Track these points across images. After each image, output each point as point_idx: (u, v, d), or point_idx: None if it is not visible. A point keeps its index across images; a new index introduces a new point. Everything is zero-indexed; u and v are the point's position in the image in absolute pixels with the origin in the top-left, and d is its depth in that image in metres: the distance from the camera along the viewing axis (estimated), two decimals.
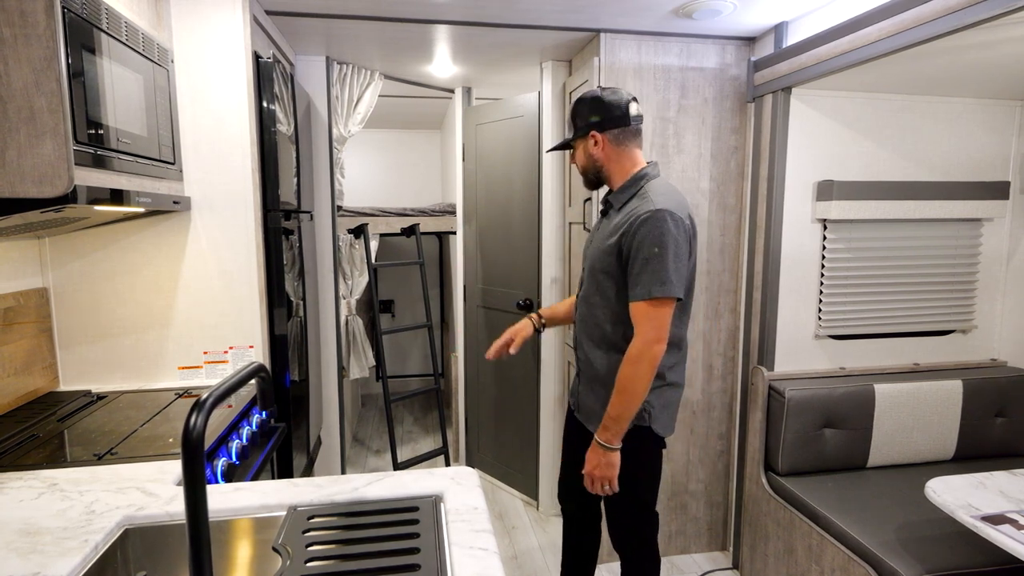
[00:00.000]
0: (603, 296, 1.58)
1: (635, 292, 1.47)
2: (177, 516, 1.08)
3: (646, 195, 1.52)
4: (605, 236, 1.58)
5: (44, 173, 1.14)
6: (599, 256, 1.58)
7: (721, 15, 2.03)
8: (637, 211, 1.49)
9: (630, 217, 1.50)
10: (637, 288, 1.46)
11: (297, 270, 2.24)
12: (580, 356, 1.69)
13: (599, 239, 1.61)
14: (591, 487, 1.58)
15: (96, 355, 1.83)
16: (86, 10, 1.23)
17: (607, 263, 1.55)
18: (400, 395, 3.14)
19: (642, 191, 1.54)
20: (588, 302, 1.64)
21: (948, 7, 1.38)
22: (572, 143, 1.66)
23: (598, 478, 1.55)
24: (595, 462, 1.55)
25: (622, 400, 1.48)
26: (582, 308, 1.67)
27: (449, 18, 2.13)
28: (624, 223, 1.51)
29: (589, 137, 1.59)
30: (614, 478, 1.54)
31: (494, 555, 0.94)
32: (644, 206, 1.48)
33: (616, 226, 1.54)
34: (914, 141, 2.18)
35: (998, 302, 2.32)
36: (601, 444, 1.52)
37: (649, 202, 1.48)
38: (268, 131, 1.91)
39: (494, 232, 3.06)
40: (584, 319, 1.66)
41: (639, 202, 1.51)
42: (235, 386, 0.78)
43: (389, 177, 4.71)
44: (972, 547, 1.62)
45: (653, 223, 1.44)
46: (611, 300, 1.56)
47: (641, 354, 1.46)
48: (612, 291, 1.56)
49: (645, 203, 1.49)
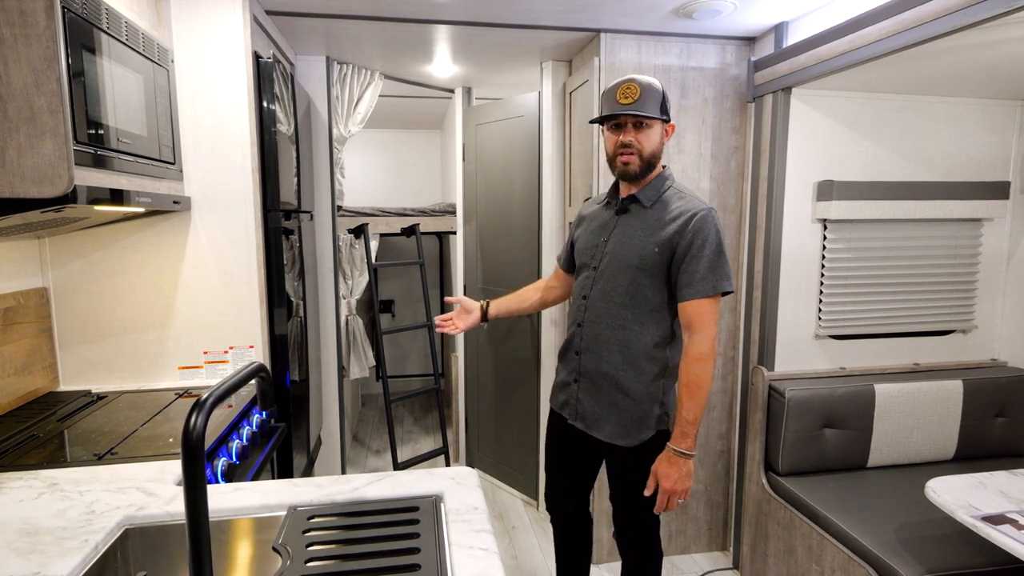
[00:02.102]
0: (637, 295, 1.54)
1: (697, 289, 1.46)
2: (177, 516, 1.08)
3: (685, 194, 1.54)
4: (643, 233, 1.54)
5: (44, 173, 1.14)
6: (639, 253, 1.53)
7: (721, 15, 2.03)
8: (687, 209, 1.50)
9: (680, 214, 1.50)
10: (701, 285, 1.46)
11: (297, 270, 2.24)
12: (586, 361, 1.61)
13: (630, 236, 1.55)
14: (666, 505, 1.50)
15: (96, 355, 1.83)
16: (86, 10, 1.23)
17: (653, 261, 1.51)
18: (400, 395, 3.14)
19: (673, 191, 1.56)
20: (612, 301, 1.57)
21: (948, 7, 1.38)
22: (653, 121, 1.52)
23: (678, 492, 1.48)
24: (675, 476, 1.47)
25: (697, 401, 1.46)
26: (599, 307, 1.59)
27: (449, 18, 2.13)
28: (671, 220, 1.50)
29: (670, 125, 1.57)
30: (689, 490, 1.51)
31: (494, 555, 0.94)
32: (694, 204, 1.50)
33: (660, 223, 1.52)
34: (914, 141, 2.18)
35: (998, 302, 2.32)
36: (682, 453, 1.47)
37: (697, 201, 1.52)
38: (268, 131, 1.91)
39: (494, 232, 3.06)
40: (604, 318, 1.58)
41: (681, 201, 1.53)
42: (235, 386, 0.78)
43: (389, 177, 4.71)
44: (972, 547, 1.62)
45: (711, 221, 1.48)
46: (647, 299, 1.53)
47: (710, 352, 1.47)
48: (649, 289, 1.52)
49: (693, 202, 1.52)
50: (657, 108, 1.51)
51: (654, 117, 1.51)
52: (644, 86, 1.50)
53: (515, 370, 2.99)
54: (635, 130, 1.52)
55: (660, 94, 1.52)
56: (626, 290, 1.55)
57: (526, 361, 2.91)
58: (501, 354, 3.08)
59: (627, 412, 1.55)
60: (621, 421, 1.54)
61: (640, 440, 1.56)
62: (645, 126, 1.52)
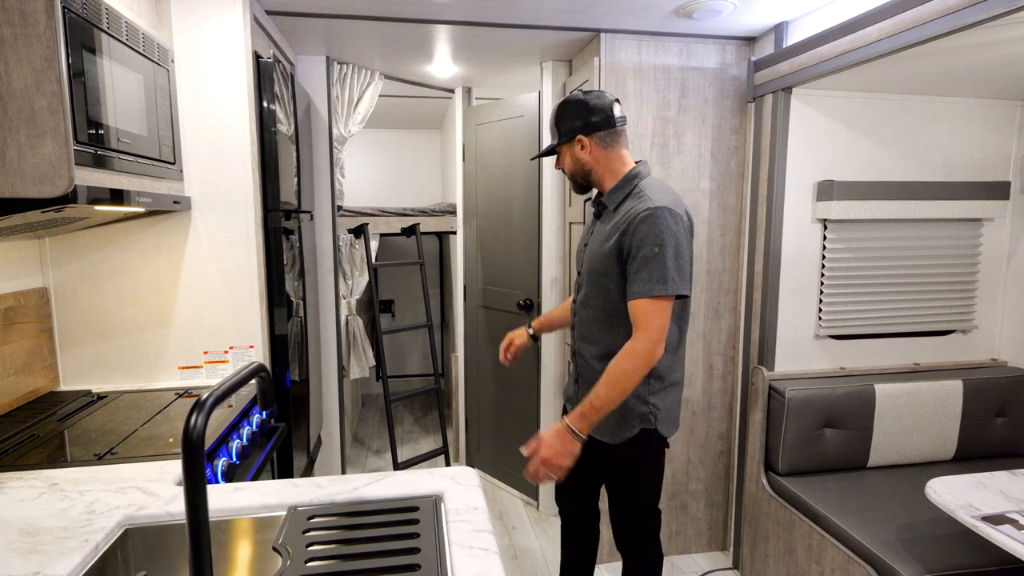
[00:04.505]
0: (604, 299, 1.56)
1: (634, 290, 1.45)
2: (177, 516, 1.08)
3: (642, 194, 1.51)
4: (603, 238, 1.55)
5: (44, 173, 1.14)
6: (598, 259, 1.56)
7: (721, 15, 2.03)
8: (635, 210, 1.47)
9: (628, 216, 1.48)
10: (636, 286, 1.44)
11: (297, 270, 2.25)
12: (580, 361, 1.67)
13: (596, 241, 1.59)
14: (534, 473, 1.47)
15: (96, 355, 1.83)
16: (86, 10, 1.23)
17: (606, 265, 1.53)
18: (400, 395, 3.14)
19: (636, 190, 1.53)
20: (588, 306, 1.61)
21: (948, 7, 1.38)
22: (557, 148, 1.62)
23: (552, 466, 1.45)
24: (556, 448, 1.45)
25: (609, 393, 1.43)
26: (581, 312, 1.65)
27: (449, 18, 2.13)
28: (622, 223, 1.49)
29: (576, 142, 1.57)
30: (565, 469, 1.46)
31: (494, 555, 0.94)
32: (642, 204, 1.47)
33: (614, 227, 1.52)
34: (914, 141, 2.18)
35: (998, 302, 2.32)
36: (572, 430, 1.45)
37: (647, 200, 1.47)
38: (268, 131, 1.91)
39: (494, 232, 3.06)
40: (584, 323, 1.64)
41: (635, 201, 1.50)
42: (235, 386, 0.78)
43: (389, 177, 4.71)
44: (972, 547, 1.62)
45: (652, 220, 1.43)
46: (612, 302, 1.55)
47: (638, 352, 1.43)
48: (614, 293, 1.54)
49: (642, 201, 1.48)
50: (555, 136, 1.61)
51: (548, 152, 1.65)
52: (552, 116, 1.62)
53: (515, 370, 2.99)
54: (558, 162, 1.65)
55: (554, 120, 1.61)
56: (596, 295, 1.58)
57: (526, 361, 2.91)
58: None
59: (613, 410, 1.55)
60: (607, 419, 1.54)
61: (625, 437, 1.57)
62: (558, 154, 1.64)
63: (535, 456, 1.47)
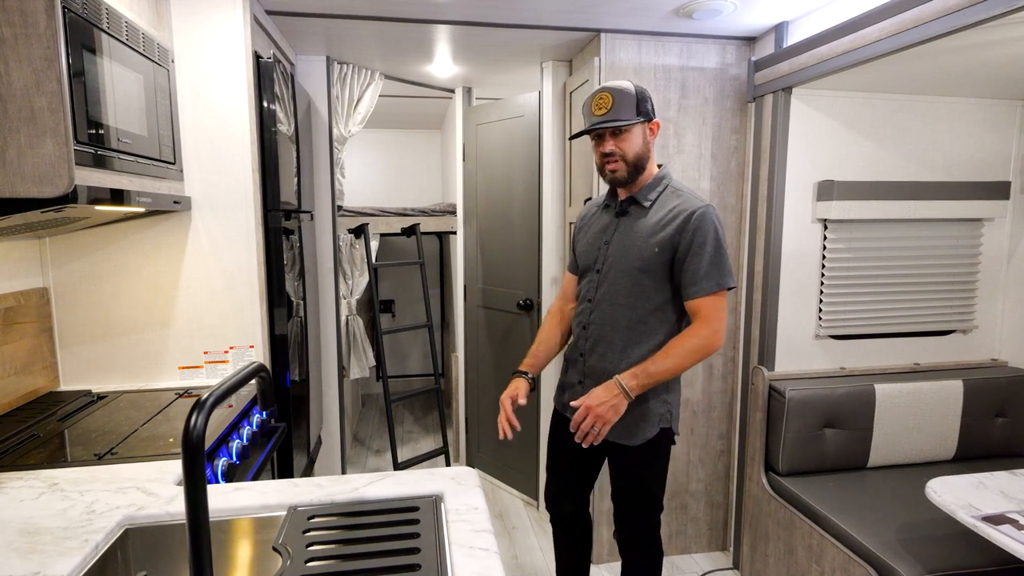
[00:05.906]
0: (640, 296, 1.55)
1: (702, 286, 1.49)
2: (177, 516, 1.08)
3: (682, 193, 1.56)
4: (643, 235, 1.55)
5: (44, 173, 1.14)
6: (639, 255, 1.54)
7: (721, 15, 2.03)
8: (685, 208, 1.51)
9: (676, 213, 1.52)
10: (705, 282, 1.49)
11: (297, 270, 2.24)
12: (592, 361, 1.62)
13: (634, 237, 1.56)
14: (580, 426, 1.48)
15: (96, 355, 1.83)
16: (86, 10, 1.23)
17: (653, 262, 1.52)
18: (400, 395, 3.14)
19: (671, 189, 1.58)
20: (617, 304, 1.58)
21: (948, 7, 1.38)
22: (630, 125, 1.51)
23: (599, 417, 1.46)
24: (603, 398, 1.47)
25: (670, 364, 1.48)
26: (605, 310, 1.59)
27: (449, 18, 2.13)
28: (669, 220, 1.52)
29: (654, 124, 1.57)
30: (610, 422, 1.47)
31: (494, 555, 0.94)
32: (692, 203, 1.52)
33: (658, 224, 1.53)
34: (914, 141, 2.18)
35: (998, 302, 2.32)
36: (623, 387, 1.47)
37: (692, 199, 1.53)
38: (268, 131, 1.91)
39: (494, 232, 3.06)
40: (608, 321, 1.59)
41: (678, 200, 1.54)
42: (235, 386, 0.78)
43: (389, 177, 4.71)
44: (972, 547, 1.62)
45: (710, 219, 1.50)
46: (651, 299, 1.54)
47: (705, 337, 1.49)
48: (652, 289, 1.54)
49: (688, 200, 1.53)
50: (632, 111, 1.52)
51: (628, 122, 1.51)
52: (616, 93, 1.52)
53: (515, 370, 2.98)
54: (614, 138, 1.53)
55: (634, 96, 1.52)
56: (629, 291, 1.56)
57: None
58: (501, 354, 3.08)
59: (631, 411, 1.54)
60: (625, 420, 1.54)
61: (645, 438, 1.57)
62: (624, 132, 1.53)
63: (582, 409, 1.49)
